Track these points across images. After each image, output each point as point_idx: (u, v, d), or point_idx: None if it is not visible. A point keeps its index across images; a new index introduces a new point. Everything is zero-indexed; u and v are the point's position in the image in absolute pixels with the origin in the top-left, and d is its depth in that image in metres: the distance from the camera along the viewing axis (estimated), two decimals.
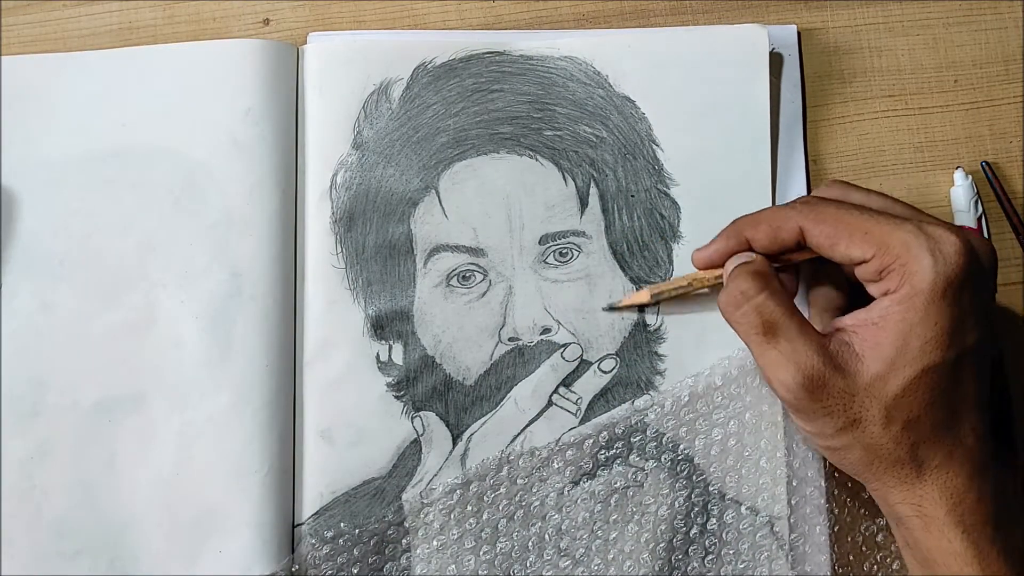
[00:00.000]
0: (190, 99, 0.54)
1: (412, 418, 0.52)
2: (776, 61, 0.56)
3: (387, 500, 0.52)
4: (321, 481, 0.52)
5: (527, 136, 0.54)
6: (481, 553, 0.51)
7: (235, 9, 0.57)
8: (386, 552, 0.51)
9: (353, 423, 0.52)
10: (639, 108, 0.54)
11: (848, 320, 0.44)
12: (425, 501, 0.51)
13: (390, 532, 0.51)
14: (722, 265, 0.49)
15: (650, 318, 0.53)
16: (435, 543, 0.51)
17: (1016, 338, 0.55)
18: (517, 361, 0.53)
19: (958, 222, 0.55)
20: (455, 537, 0.51)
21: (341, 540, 0.51)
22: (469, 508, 0.51)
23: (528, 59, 0.55)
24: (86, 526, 0.51)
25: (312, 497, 0.52)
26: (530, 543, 0.51)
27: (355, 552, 0.51)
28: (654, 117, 0.54)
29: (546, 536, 0.51)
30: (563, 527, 0.51)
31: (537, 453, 0.52)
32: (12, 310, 0.53)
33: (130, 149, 0.54)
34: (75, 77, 0.55)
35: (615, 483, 0.52)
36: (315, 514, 0.52)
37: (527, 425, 0.52)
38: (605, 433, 0.52)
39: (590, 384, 0.52)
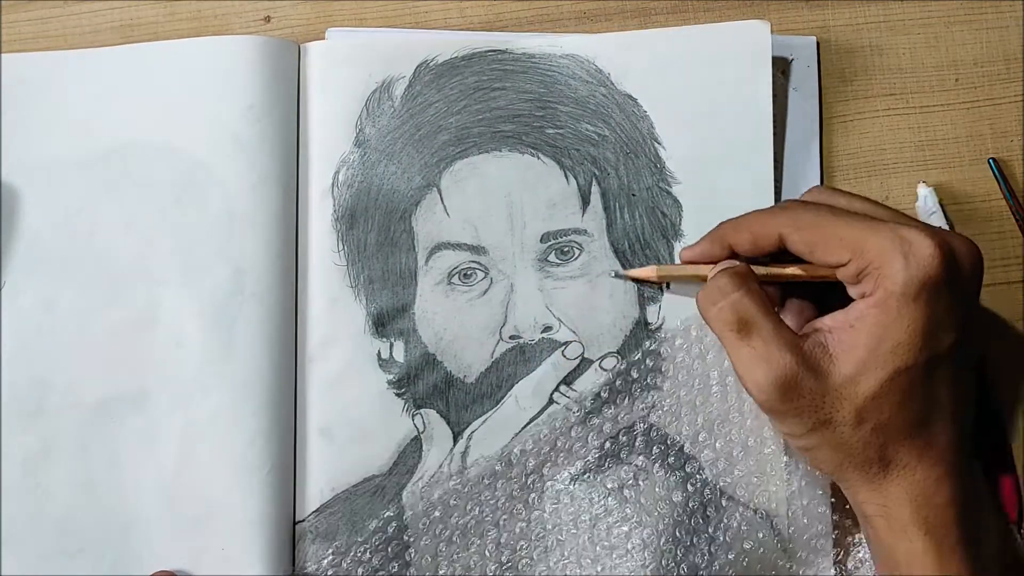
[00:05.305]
0: (192, 96, 0.54)
1: (413, 416, 0.53)
2: (783, 65, 0.56)
3: (387, 497, 0.52)
4: (322, 478, 0.52)
5: (529, 134, 0.54)
6: (480, 551, 0.51)
7: (236, 7, 0.57)
8: (386, 549, 0.51)
9: (354, 420, 0.52)
10: (641, 106, 0.54)
11: (826, 321, 0.44)
12: (425, 498, 0.52)
13: (390, 529, 0.51)
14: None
15: (651, 316, 0.53)
16: (435, 540, 0.51)
17: (1009, 338, 0.55)
18: (518, 359, 0.53)
19: None
20: (455, 534, 0.51)
21: (341, 537, 0.51)
22: (469, 505, 0.51)
23: (530, 57, 0.55)
24: (89, 525, 0.51)
25: (313, 494, 0.52)
26: (530, 541, 0.51)
27: (355, 549, 0.51)
28: (656, 115, 0.54)
29: (546, 535, 0.51)
30: (563, 526, 0.51)
31: (538, 451, 0.52)
32: (15, 309, 0.53)
33: (131, 147, 0.54)
34: (76, 75, 0.55)
35: (615, 482, 0.52)
36: (316, 511, 0.52)
37: (528, 423, 0.52)
38: (606, 431, 0.52)
39: (591, 382, 0.53)
